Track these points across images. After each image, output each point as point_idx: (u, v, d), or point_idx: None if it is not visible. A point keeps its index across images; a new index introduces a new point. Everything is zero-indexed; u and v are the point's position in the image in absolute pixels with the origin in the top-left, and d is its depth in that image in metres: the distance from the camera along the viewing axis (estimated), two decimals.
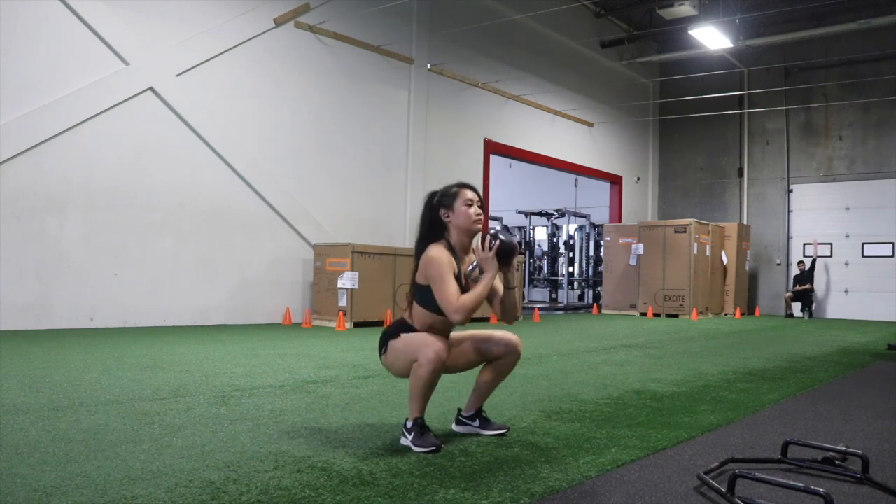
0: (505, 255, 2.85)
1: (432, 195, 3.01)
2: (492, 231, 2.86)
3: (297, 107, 9.81)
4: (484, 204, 3.02)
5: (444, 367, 2.80)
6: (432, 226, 2.97)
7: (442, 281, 2.80)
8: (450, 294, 2.78)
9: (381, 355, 2.98)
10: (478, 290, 2.80)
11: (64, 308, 7.58)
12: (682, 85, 16.97)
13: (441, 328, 2.94)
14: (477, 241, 2.89)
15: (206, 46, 8.75)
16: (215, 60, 8.87)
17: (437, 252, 2.86)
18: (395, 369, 2.92)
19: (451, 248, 2.93)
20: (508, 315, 3.03)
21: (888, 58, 14.87)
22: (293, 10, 9.67)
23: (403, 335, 2.89)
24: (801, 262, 15.47)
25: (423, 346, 2.78)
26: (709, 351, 7.15)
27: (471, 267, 2.91)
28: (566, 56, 14.92)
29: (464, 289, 2.88)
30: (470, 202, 2.93)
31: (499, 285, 3.03)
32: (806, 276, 15.20)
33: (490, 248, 2.82)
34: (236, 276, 9.11)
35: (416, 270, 2.94)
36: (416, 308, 2.95)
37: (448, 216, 2.94)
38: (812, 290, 15.14)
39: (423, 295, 2.90)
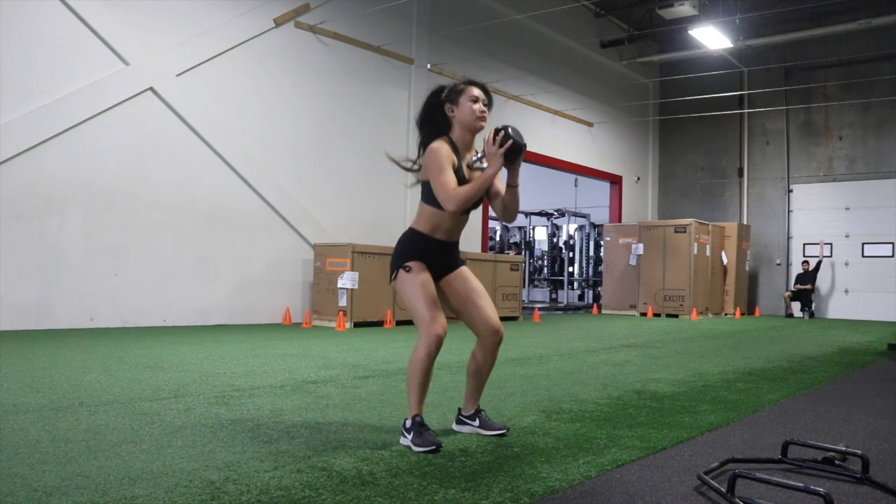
0: (513, 152, 2.83)
1: (440, 90, 3.00)
2: (503, 127, 2.83)
3: (296, 107, 9.81)
4: (490, 103, 3.00)
5: (441, 346, 2.81)
6: (436, 121, 2.97)
7: (440, 171, 2.81)
8: (446, 183, 2.79)
9: (391, 278, 3.00)
10: (476, 183, 2.80)
11: (64, 308, 7.58)
12: (682, 85, 16.97)
13: (448, 225, 2.94)
14: (488, 134, 2.86)
15: (206, 46, 8.75)
16: (215, 60, 8.87)
17: (437, 145, 2.88)
18: (402, 301, 2.98)
19: (452, 144, 2.93)
20: (510, 213, 3.01)
21: (888, 58, 14.87)
22: (293, 10, 9.67)
23: (411, 277, 2.87)
24: (805, 262, 15.46)
25: (424, 324, 2.81)
26: (709, 351, 7.15)
27: (475, 158, 2.91)
28: (566, 56, 14.92)
29: (465, 180, 2.89)
30: (475, 98, 2.93)
31: (500, 186, 3.02)
32: (809, 275, 15.20)
33: (501, 144, 2.79)
34: (236, 276, 9.11)
35: (419, 168, 2.96)
36: (422, 207, 2.96)
37: (452, 111, 2.95)
38: (813, 290, 15.15)
39: (428, 191, 2.91)
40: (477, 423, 3.09)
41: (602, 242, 16.35)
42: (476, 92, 2.94)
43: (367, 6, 10.53)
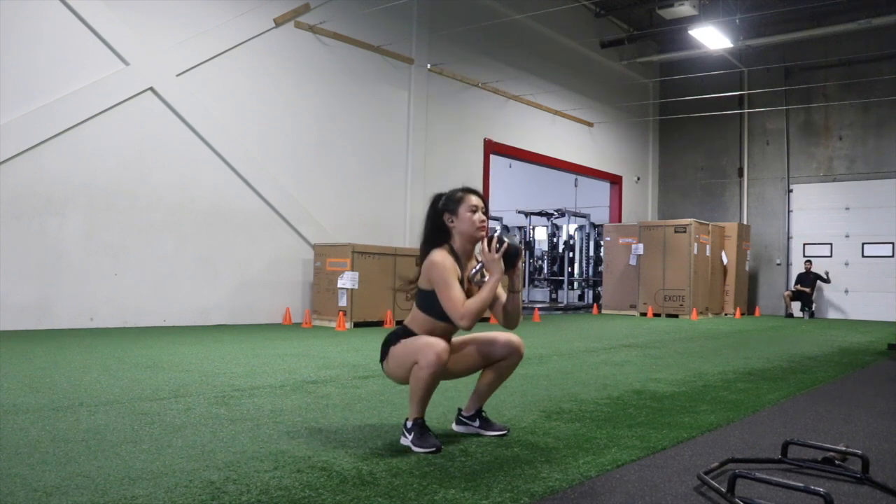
0: (510, 257, 2.83)
1: (437, 199, 2.98)
2: (497, 233, 2.84)
3: (296, 107, 9.82)
4: (488, 210, 3.01)
5: (445, 368, 2.77)
6: (436, 230, 2.95)
7: (447, 286, 2.77)
8: (455, 299, 2.76)
9: (381, 363, 2.96)
10: (483, 294, 2.78)
11: (64, 308, 7.58)
12: (682, 85, 16.97)
13: (442, 334, 2.91)
14: (482, 243, 2.87)
15: (206, 46, 8.76)
16: (215, 60, 8.87)
17: (440, 257, 2.84)
18: (395, 376, 2.88)
19: (454, 254, 2.91)
20: (511, 320, 2.98)
21: (888, 58, 14.87)
22: (293, 10, 9.67)
23: (403, 340, 2.86)
24: (808, 262, 15.45)
25: (424, 346, 2.75)
26: (709, 351, 7.15)
27: (474, 270, 2.89)
28: (566, 56, 14.92)
29: (466, 293, 2.87)
30: (475, 208, 2.91)
31: (500, 290, 3.00)
32: (809, 278, 15.20)
33: (497, 251, 2.79)
34: (236, 276, 9.11)
35: (419, 275, 2.93)
36: (418, 314, 2.93)
37: (452, 221, 2.92)
38: (812, 292, 15.16)
39: (426, 300, 2.88)
40: (477, 423, 3.09)
41: (602, 242, 16.35)
42: (474, 201, 2.92)
43: (367, 6, 10.53)
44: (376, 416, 3.42)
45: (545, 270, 20.10)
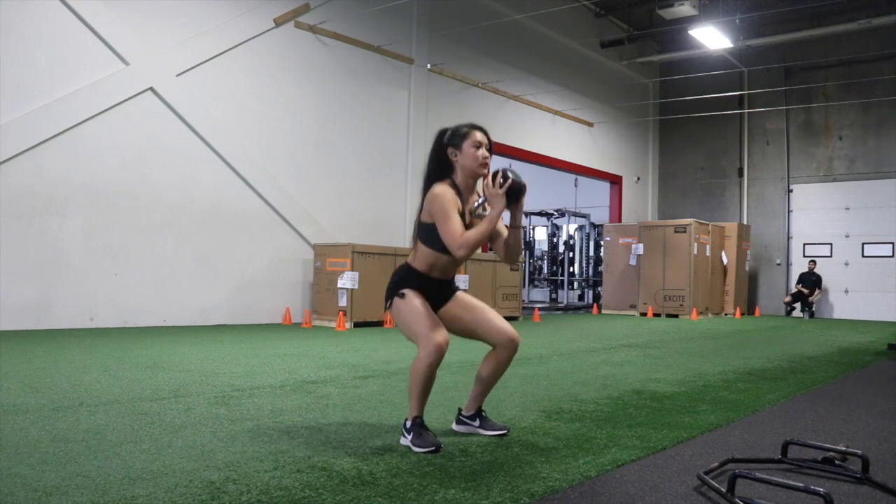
0: (515, 193, 2.86)
1: (443, 133, 3.01)
2: (503, 169, 2.87)
3: (296, 107, 9.81)
4: (492, 147, 3.02)
5: (442, 359, 2.80)
6: (439, 164, 2.98)
7: (446, 216, 2.81)
8: (454, 229, 2.79)
9: (385, 307, 3.00)
10: (482, 227, 2.82)
11: (64, 308, 7.58)
12: (682, 85, 16.97)
13: (444, 266, 2.95)
14: (487, 177, 2.89)
15: (206, 46, 8.75)
16: (215, 60, 8.87)
17: (441, 189, 2.87)
18: (399, 328, 2.94)
19: (455, 188, 2.93)
20: (512, 255, 3.03)
21: (888, 58, 14.87)
22: (293, 10, 9.67)
23: (406, 301, 2.86)
24: (812, 262, 15.44)
25: (424, 337, 2.78)
26: (709, 351, 7.15)
27: (477, 203, 2.93)
28: (566, 56, 14.92)
29: (468, 227, 2.91)
30: (479, 144, 2.94)
31: (502, 227, 3.04)
32: (810, 280, 15.20)
33: (501, 185, 2.82)
34: (236, 276, 9.11)
35: (421, 209, 2.95)
36: (420, 248, 2.95)
37: (455, 155, 2.95)
38: (812, 294, 15.17)
39: (428, 233, 2.91)
40: (477, 423, 3.09)
41: (602, 242, 16.35)
42: (479, 137, 2.94)
43: (367, 6, 10.53)
44: (376, 416, 3.42)
45: (545, 270, 20.10)
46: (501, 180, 2.82)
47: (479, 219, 2.91)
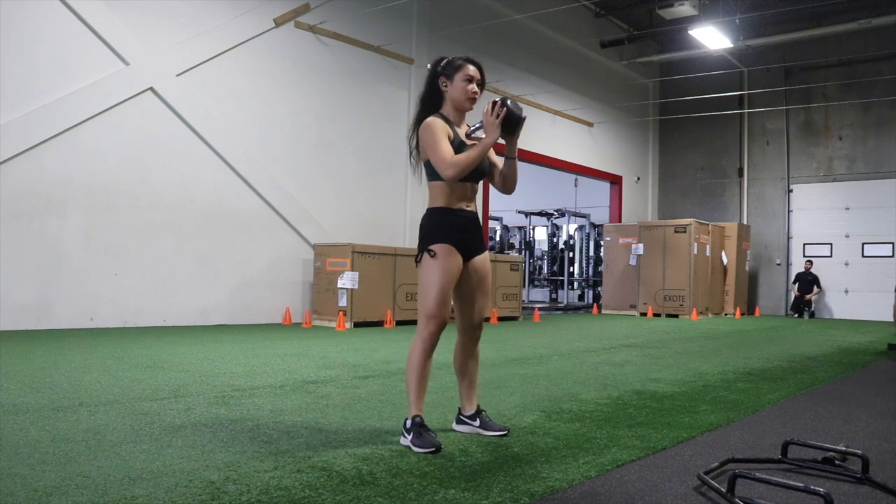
0: (511, 123, 2.89)
1: (438, 61, 3.04)
2: (502, 99, 2.88)
3: (296, 107, 9.81)
4: (483, 83, 3.04)
5: (437, 340, 2.86)
6: (431, 93, 3.02)
7: (436, 143, 2.86)
8: (443, 152, 2.84)
9: (416, 262, 3.01)
10: (473, 152, 2.85)
11: (64, 308, 7.58)
12: (682, 85, 16.97)
13: (460, 192, 2.96)
14: (486, 105, 2.90)
15: (206, 46, 8.75)
16: (215, 60, 8.87)
17: (430, 120, 2.93)
18: (418, 284, 2.98)
19: (445, 119, 2.97)
20: (509, 185, 3.08)
21: (888, 58, 14.87)
22: (293, 10, 9.67)
23: (434, 264, 2.88)
24: (808, 262, 15.46)
25: (425, 312, 2.85)
26: (709, 351, 7.15)
27: (473, 127, 2.95)
28: (566, 56, 14.91)
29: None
30: (469, 78, 2.97)
31: (497, 159, 3.10)
32: (807, 281, 15.21)
33: (497, 115, 2.85)
34: (236, 276, 9.11)
35: (419, 147, 2.99)
36: (433, 185, 2.99)
37: (446, 85, 2.99)
38: (810, 293, 15.19)
39: (432, 168, 2.94)
40: (477, 423, 3.09)
41: (602, 242, 16.35)
42: (472, 71, 2.98)
43: (367, 6, 10.53)
44: (376, 416, 3.42)
45: (545, 270, 20.10)
46: (500, 110, 2.84)
47: (476, 141, 2.93)
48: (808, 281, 15.30)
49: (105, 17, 7.85)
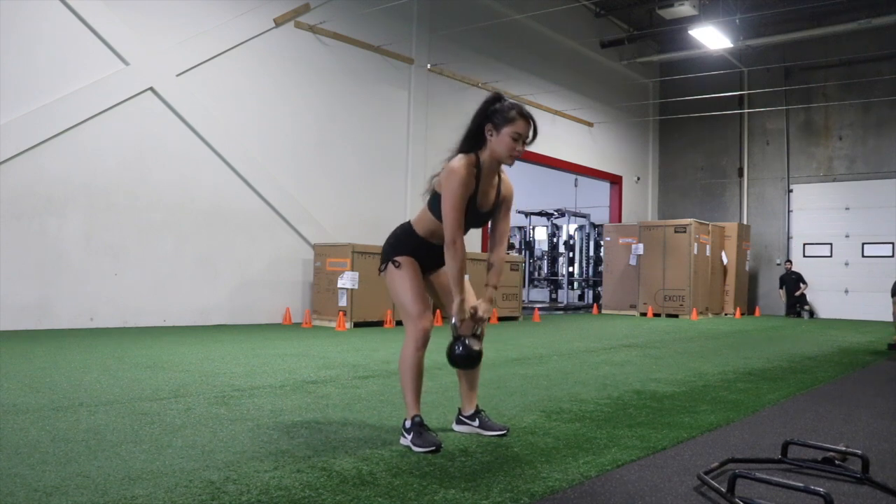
0: (460, 359, 2.88)
1: (493, 101, 2.87)
2: (467, 337, 2.89)
3: (297, 107, 9.81)
4: (534, 137, 2.91)
5: (426, 345, 2.88)
6: (474, 132, 2.88)
7: (451, 207, 2.77)
8: (453, 223, 2.78)
9: (380, 270, 3.04)
10: (455, 282, 2.83)
11: (64, 308, 7.58)
12: (682, 85, 16.97)
13: (441, 235, 2.94)
14: (459, 310, 2.87)
15: (206, 46, 8.75)
16: (215, 60, 8.87)
17: (459, 165, 2.80)
18: (390, 294, 3.01)
19: (478, 166, 2.86)
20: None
21: (888, 58, 14.87)
22: (293, 10, 9.67)
23: (401, 273, 2.91)
24: (788, 262, 15.54)
25: (412, 318, 2.87)
26: (709, 351, 7.15)
27: (454, 320, 2.90)
28: (566, 56, 14.92)
29: (476, 208, 2.90)
30: (518, 136, 2.82)
31: (499, 220, 3.06)
32: (793, 280, 15.25)
33: (475, 323, 2.90)
34: (236, 276, 9.11)
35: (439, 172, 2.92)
36: (425, 213, 2.95)
37: (491, 134, 2.85)
38: (796, 292, 15.22)
39: (435, 202, 2.89)
40: (477, 423, 3.09)
41: (602, 242, 16.35)
42: (521, 129, 2.82)
43: (367, 6, 10.53)
44: (376, 416, 3.42)
45: (545, 270, 20.10)
46: (479, 325, 2.88)
47: (454, 328, 2.91)
48: (792, 280, 15.32)
49: (105, 17, 7.85)
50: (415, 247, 2.97)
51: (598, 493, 2.31)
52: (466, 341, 2.86)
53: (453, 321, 2.88)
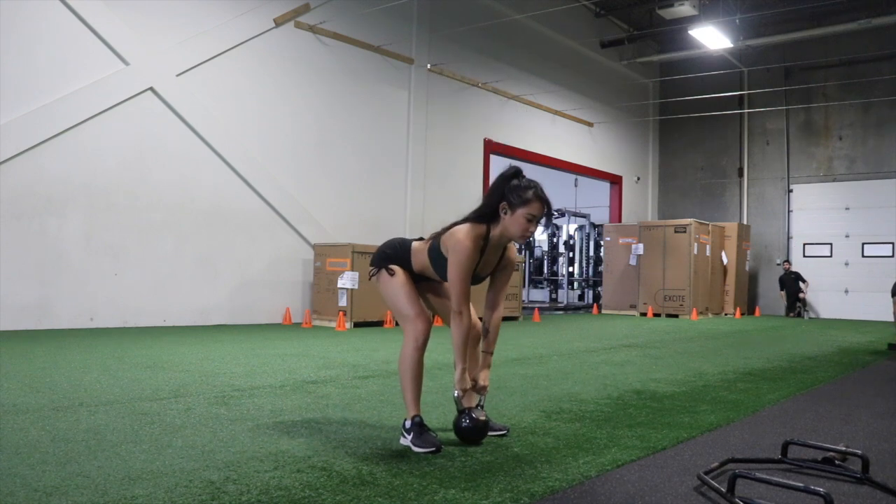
0: (467, 431, 2.89)
1: (512, 176, 2.86)
2: (470, 415, 2.89)
3: (297, 107, 9.82)
4: (548, 219, 2.92)
5: (427, 339, 2.89)
6: (490, 205, 2.86)
7: (458, 276, 2.79)
8: (461, 296, 2.81)
9: (370, 276, 3.05)
10: (457, 357, 2.87)
11: (64, 308, 7.58)
12: (682, 85, 16.97)
13: (431, 274, 2.99)
14: (462, 387, 2.91)
15: (206, 46, 8.75)
16: (215, 60, 8.87)
17: (465, 236, 2.79)
18: (384, 299, 3.04)
19: (486, 239, 2.86)
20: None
21: (888, 58, 14.87)
22: (293, 10, 9.67)
23: (395, 279, 2.95)
24: (786, 262, 15.55)
25: (410, 320, 2.89)
26: (709, 351, 7.15)
27: (457, 393, 2.93)
28: (566, 56, 14.92)
29: (479, 275, 2.92)
30: (532, 217, 2.81)
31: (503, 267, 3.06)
32: (793, 279, 15.25)
33: (462, 395, 2.91)
34: (236, 276, 9.11)
35: (446, 229, 2.89)
36: (425, 257, 2.93)
37: (506, 212, 2.84)
38: (796, 292, 15.22)
39: (438, 259, 2.88)
40: None
41: (602, 242, 16.35)
42: (536, 211, 2.81)
43: (367, 6, 10.53)
44: (376, 416, 3.42)
45: (545, 270, 20.11)
46: (479, 414, 2.89)
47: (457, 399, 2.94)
48: (792, 280, 15.32)
49: (105, 17, 7.85)
50: (407, 261, 3.00)
51: (598, 493, 2.31)
52: (473, 414, 2.88)
53: (455, 394, 2.92)
